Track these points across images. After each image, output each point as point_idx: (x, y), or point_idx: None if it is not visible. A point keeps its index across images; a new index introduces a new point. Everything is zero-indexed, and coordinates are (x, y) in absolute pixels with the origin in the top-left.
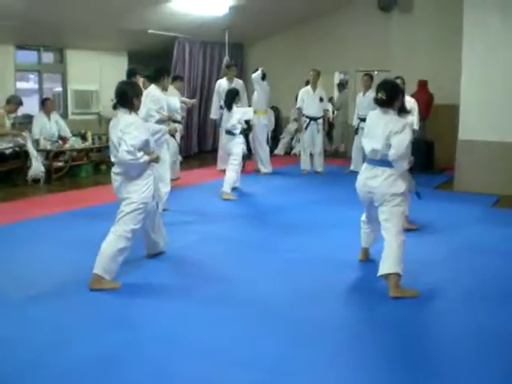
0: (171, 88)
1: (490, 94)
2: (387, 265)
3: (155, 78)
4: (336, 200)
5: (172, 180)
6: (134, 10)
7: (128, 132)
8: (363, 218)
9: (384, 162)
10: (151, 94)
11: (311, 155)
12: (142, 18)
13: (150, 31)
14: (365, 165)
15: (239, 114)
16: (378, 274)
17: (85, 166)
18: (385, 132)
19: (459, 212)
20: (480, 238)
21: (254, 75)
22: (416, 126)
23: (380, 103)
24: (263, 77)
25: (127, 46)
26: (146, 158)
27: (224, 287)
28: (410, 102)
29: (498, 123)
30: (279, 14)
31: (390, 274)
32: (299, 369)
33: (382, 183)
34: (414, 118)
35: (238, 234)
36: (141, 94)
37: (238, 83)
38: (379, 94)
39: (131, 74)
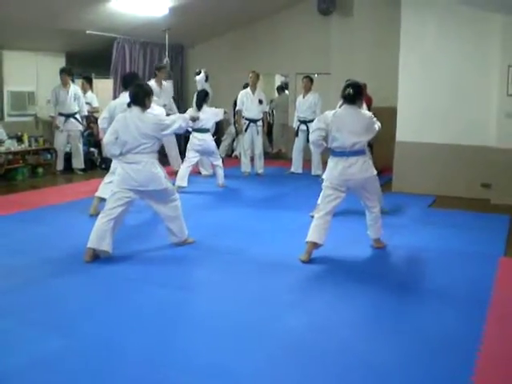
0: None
1: (427, 97)
2: (379, 230)
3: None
4: (276, 202)
5: None
6: (72, 10)
7: (164, 119)
8: (323, 211)
9: (357, 152)
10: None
11: (252, 157)
12: (80, 18)
13: (88, 32)
14: (335, 159)
15: (209, 114)
16: (375, 237)
17: (21, 169)
18: (363, 126)
19: (397, 213)
20: (416, 238)
21: (198, 77)
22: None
23: (348, 99)
24: (206, 78)
25: (65, 46)
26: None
27: (164, 292)
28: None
29: (434, 125)
30: (219, 15)
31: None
32: (240, 374)
33: (360, 169)
34: None
35: None
36: (152, 94)
37: (166, 86)
38: (347, 91)
39: (62, 72)
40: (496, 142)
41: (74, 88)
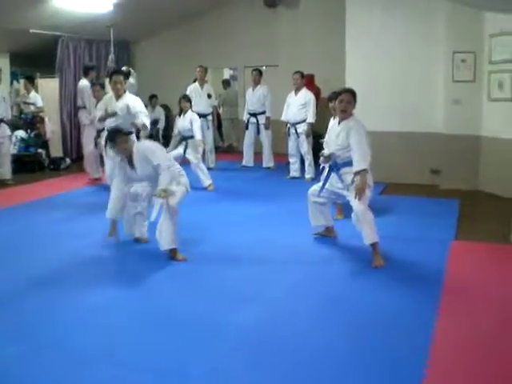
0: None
1: (373, 84)
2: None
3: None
4: (229, 195)
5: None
6: (15, 9)
7: None
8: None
9: None
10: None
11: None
12: (23, 17)
13: (32, 31)
14: None
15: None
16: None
17: None
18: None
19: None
20: None
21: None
22: (312, 119)
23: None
24: (127, 74)
25: (9, 46)
26: None
27: (119, 292)
28: (306, 95)
29: (381, 112)
30: (165, 10)
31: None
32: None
33: None
34: (309, 111)
35: None
36: None
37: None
38: None
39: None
40: (443, 129)
41: None
